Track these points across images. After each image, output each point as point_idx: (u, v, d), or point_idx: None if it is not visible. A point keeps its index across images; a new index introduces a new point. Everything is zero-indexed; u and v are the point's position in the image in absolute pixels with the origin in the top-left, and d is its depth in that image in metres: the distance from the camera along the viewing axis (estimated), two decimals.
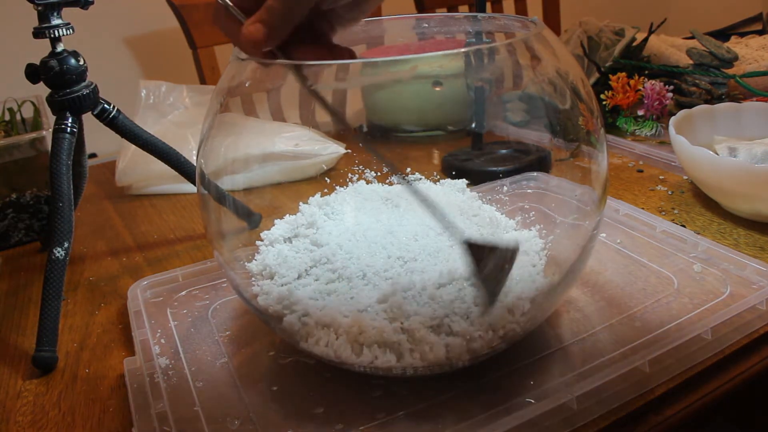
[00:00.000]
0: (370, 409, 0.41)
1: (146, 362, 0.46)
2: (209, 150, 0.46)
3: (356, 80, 0.42)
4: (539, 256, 0.49)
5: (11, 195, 0.70)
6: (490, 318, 0.41)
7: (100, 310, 0.58)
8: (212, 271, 0.59)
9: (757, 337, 0.46)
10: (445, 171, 0.65)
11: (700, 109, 0.72)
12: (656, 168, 0.78)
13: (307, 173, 0.75)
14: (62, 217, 0.54)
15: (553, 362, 0.44)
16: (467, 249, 0.40)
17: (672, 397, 0.41)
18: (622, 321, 0.48)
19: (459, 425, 0.38)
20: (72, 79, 0.58)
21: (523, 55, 0.43)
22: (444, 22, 0.56)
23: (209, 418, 0.41)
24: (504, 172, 0.68)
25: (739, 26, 1.68)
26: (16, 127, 0.77)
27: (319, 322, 0.42)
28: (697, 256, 0.55)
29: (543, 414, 0.38)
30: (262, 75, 0.44)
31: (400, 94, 0.54)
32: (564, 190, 0.54)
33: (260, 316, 0.46)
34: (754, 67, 0.94)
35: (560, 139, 0.47)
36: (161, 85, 0.91)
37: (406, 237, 0.50)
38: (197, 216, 0.76)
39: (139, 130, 0.63)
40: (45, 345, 0.50)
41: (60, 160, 0.56)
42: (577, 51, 1.01)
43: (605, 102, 0.88)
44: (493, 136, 0.73)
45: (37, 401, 0.47)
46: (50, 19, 0.55)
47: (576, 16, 1.19)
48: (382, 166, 0.59)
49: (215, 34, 1.29)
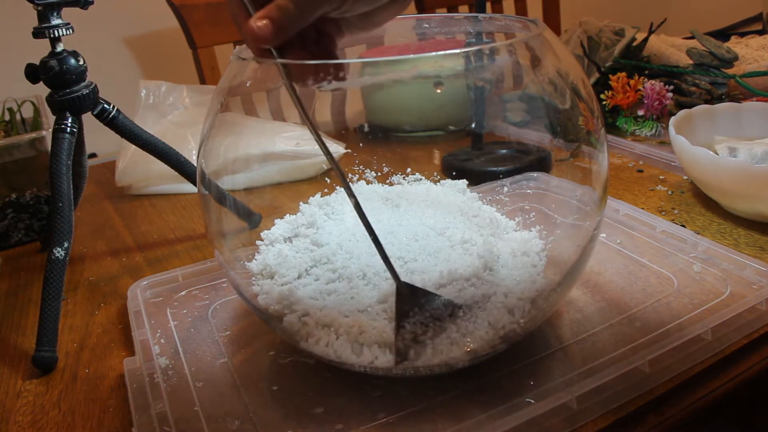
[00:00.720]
0: (370, 409, 0.41)
1: (146, 362, 0.46)
2: (210, 150, 0.46)
3: (356, 80, 0.42)
4: (539, 256, 0.49)
5: (11, 195, 0.70)
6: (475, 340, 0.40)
7: (100, 310, 0.58)
8: (212, 271, 0.59)
9: (757, 337, 0.46)
10: (445, 171, 0.65)
11: (700, 109, 0.72)
12: (656, 168, 0.78)
13: (307, 173, 0.75)
14: (62, 217, 0.54)
15: (553, 362, 0.44)
16: (403, 292, 0.39)
17: (672, 397, 0.41)
18: (622, 321, 0.48)
19: (459, 425, 0.38)
20: (72, 79, 0.57)
21: (523, 55, 0.43)
22: (444, 23, 0.56)
23: (209, 418, 0.41)
24: (504, 172, 0.68)
25: (739, 26, 1.68)
26: (16, 127, 0.77)
27: (319, 322, 0.42)
28: (697, 256, 0.55)
29: (543, 414, 0.38)
30: (262, 75, 0.44)
31: (401, 95, 0.54)
32: (564, 190, 0.54)
33: (260, 316, 0.46)
34: (754, 67, 0.94)
35: (560, 140, 0.47)
36: (161, 85, 0.91)
37: (407, 237, 0.49)
38: (197, 216, 0.76)
39: (139, 130, 0.63)
40: (45, 345, 0.50)
41: (60, 160, 0.56)
42: (577, 51, 1.01)
43: (605, 102, 0.88)
44: (493, 136, 0.73)
45: (37, 401, 0.47)
46: (50, 19, 0.55)
47: (576, 16, 1.19)
48: (382, 166, 0.59)
49: (215, 34, 1.29)
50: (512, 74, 0.46)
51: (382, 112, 0.55)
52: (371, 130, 0.57)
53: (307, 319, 0.43)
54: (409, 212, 0.54)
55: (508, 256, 0.48)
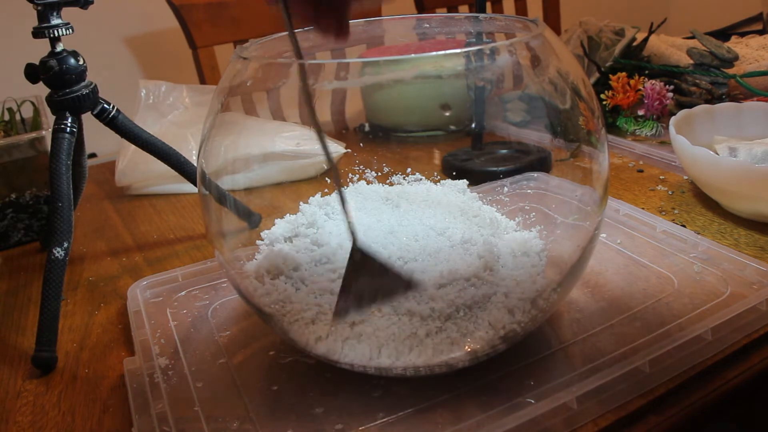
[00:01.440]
0: (370, 409, 0.41)
1: (146, 362, 0.46)
2: (210, 150, 0.46)
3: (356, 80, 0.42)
4: (539, 257, 0.49)
5: (11, 195, 0.70)
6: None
7: (99, 310, 0.58)
8: (212, 271, 0.59)
9: (757, 337, 0.46)
10: (445, 171, 0.65)
11: (700, 109, 0.72)
12: (656, 168, 0.78)
13: (308, 173, 0.74)
14: (62, 217, 0.54)
15: (553, 362, 0.44)
16: (355, 256, 0.38)
17: (672, 397, 0.41)
18: (622, 321, 0.48)
19: (459, 425, 0.38)
20: (72, 79, 0.57)
21: (523, 55, 0.43)
22: (444, 23, 0.56)
23: (209, 418, 0.41)
24: (504, 172, 0.68)
25: (740, 26, 1.68)
26: (15, 127, 0.77)
27: (319, 321, 0.42)
28: (698, 256, 0.55)
29: (543, 414, 0.38)
30: (263, 74, 0.44)
31: (401, 94, 0.54)
32: (564, 190, 0.54)
33: (260, 316, 0.46)
34: (754, 66, 0.94)
35: (561, 139, 0.47)
36: (161, 85, 0.90)
37: (407, 237, 0.49)
38: (197, 216, 0.76)
39: (139, 130, 0.63)
40: (45, 345, 0.50)
41: (59, 160, 0.56)
42: (577, 51, 1.01)
43: (605, 102, 0.88)
44: (493, 136, 0.73)
45: (37, 401, 0.47)
46: (50, 18, 0.55)
47: (576, 16, 1.19)
48: (382, 166, 0.59)
49: (215, 34, 1.29)
50: (512, 74, 0.46)
51: (382, 112, 0.55)
52: (371, 130, 0.57)
53: (307, 319, 0.43)
54: (409, 212, 0.54)
55: (508, 256, 0.48)
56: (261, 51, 0.48)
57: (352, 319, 0.41)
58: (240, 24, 1.30)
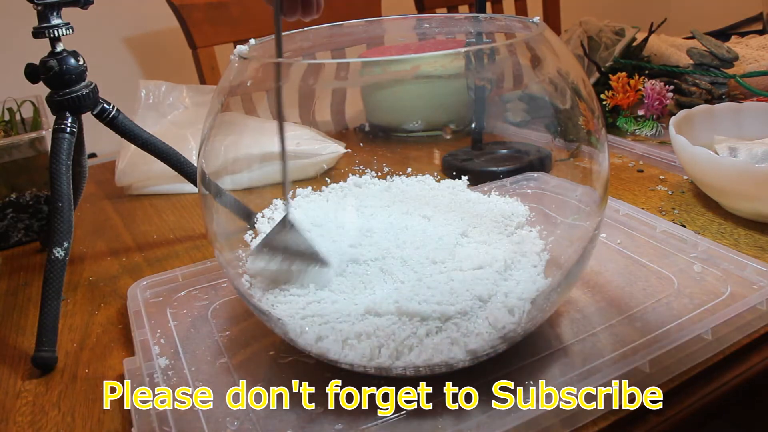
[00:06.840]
0: (369, 409, 0.41)
1: (146, 362, 0.46)
2: (210, 150, 0.46)
3: (356, 80, 0.42)
4: (540, 257, 0.49)
5: (11, 195, 0.70)
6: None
7: (99, 310, 0.58)
8: (212, 271, 0.59)
9: (757, 337, 0.46)
10: (445, 171, 0.65)
11: (700, 109, 0.72)
12: (656, 168, 0.78)
13: (307, 173, 0.74)
14: (62, 217, 0.54)
15: (553, 362, 0.44)
16: (284, 223, 0.44)
17: (672, 397, 0.41)
18: (622, 321, 0.48)
19: (459, 425, 0.38)
20: (72, 78, 0.57)
21: (523, 55, 0.43)
22: (444, 23, 0.56)
23: (209, 418, 0.41)
24: (504, 172, 0.68)
25: (739, 26, 1.68)
26: (15, 127, 0.77)
27: (319, 321, 0.42)
28: (698, 256, 0.55)
29: (543, 414, 0.38)
30: (263, 74, 0.44)
31: (401, 94, 0.54)
32: (564, 190, 0.54)
33: (260, 316, 0.46)
34: (754, 67, 0.94)
35: (561, 139, 0.47)
36: (161, 85, 0.90)
37: (407, 237, 0.49)
38: (197, 216, 0.76)
39: (139, 130, 0.63)
40: (45, 345, 0.50)
41: (60, 160, 0.56)
42: (578, 51, 1.01)
43: (605, 102, 0.88)
44: (493, 136, 0.73)
45: (36, 401, 0.47)
46: (50, 19, 0.55)
47: (576, 16, 1.19)
48: (382, 166, 0.59)
49: (215, 34, 1.29)
50: (512, 74, 0.46)
51: (382, 111, 0.55)
52: (371, 129, 0.57)
53: (307, 318, 0.43)
54: (409, 212, 0.54)
55: (508, 257, 0.48)
56: (261, 51, 0.48)
57: (262, 265, 0.46)
58: (240, 24, 1.30)
